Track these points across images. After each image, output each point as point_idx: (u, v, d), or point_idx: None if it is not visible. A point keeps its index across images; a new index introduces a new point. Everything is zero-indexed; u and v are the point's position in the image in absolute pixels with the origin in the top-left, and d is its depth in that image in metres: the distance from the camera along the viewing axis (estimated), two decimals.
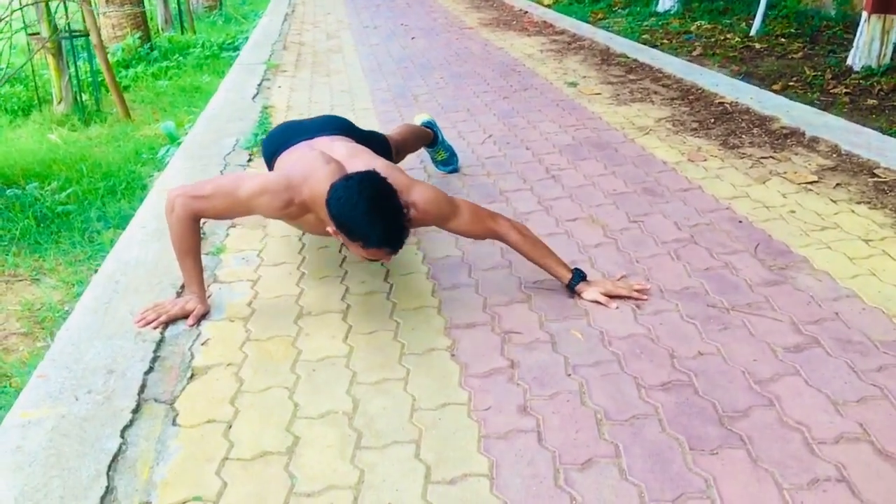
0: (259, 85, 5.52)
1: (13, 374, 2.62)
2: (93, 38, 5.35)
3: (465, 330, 2.24)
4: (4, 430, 1.80)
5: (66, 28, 5.58)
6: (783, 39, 7.50)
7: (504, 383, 1.98)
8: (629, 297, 2.34)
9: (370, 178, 2.07)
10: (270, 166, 2.63)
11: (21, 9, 4.55)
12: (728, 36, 7.84)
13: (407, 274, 2.59)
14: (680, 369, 2.01)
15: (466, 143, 4.05)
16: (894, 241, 2.71)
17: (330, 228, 2.10)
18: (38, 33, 5.57)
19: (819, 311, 2.28)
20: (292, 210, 2.22)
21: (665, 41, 7.81)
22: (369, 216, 1.99)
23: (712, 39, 7.75)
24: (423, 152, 3.61)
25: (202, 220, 2.34)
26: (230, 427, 1.82)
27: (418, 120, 3.49)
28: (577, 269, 2.41)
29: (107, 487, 1.61)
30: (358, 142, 2.61)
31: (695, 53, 7.16)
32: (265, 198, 2.19)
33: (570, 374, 2.01)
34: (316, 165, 2.24)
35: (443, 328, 2.25)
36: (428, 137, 3.43)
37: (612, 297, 2.34)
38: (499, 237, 2.39)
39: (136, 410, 1.87)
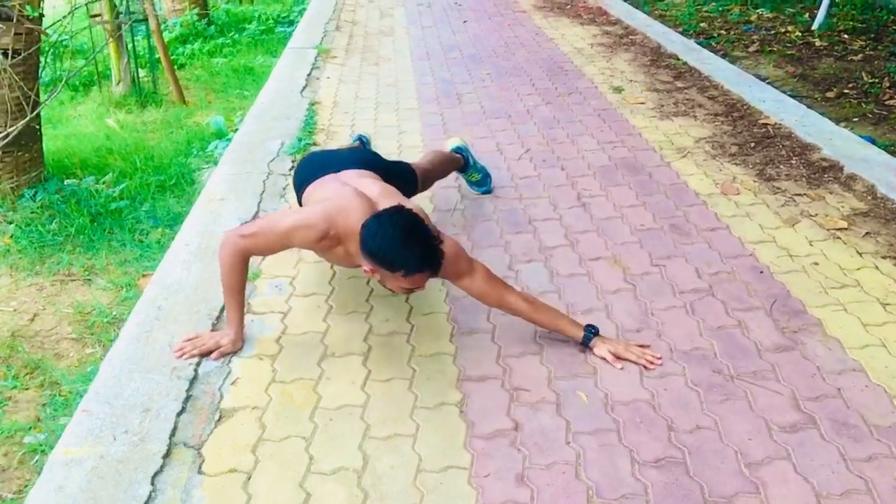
0: (308, 75, 5.63)
1: (62, 382, 2.84)
2: (151, 25, 5.52)
3: (477, 383, 2.36)
4: (50, 467, 2.00)
5: (127, 12, 5.76)
6: (846, 36, 7.30)
7: (506, 447, 2.11)
8: (636, 363, 2.43)
9: (398, 210, 2.24)
10: (299, 195, 2.77)
11: (87, 4, 4.73)
12: (789, 29, 7.65)
13: (429, 314, 2.72)
14: (676, 444, 2.11)
15: (503, 157, 4.12)
16: None
17: (366, 267, 2.25)
18: (98, 15, 5.76)
19: (822, 385, 2.34)
20: (325, 243, 2.38)
21: (723, 31, 7.67)
22: (405, 244, 2.15)
23: (772, 32, 7.58)
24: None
25: (251, 258, 2.49)
26: (249, 478, 1.99)
27: (449, 145, 3.57)
28: (588, 326, 2.50)
29: None
30: (384, 176, 2.74)
31: (751, 49, 7.03)
32: (302, 230, 2.36)
33: (569, 442, 2.12)
34: (349, 199, 2.40)
35: (455, 379, 2.38)
36: (458, 163, 3.52)
37: (619, 358, 2.44)
38: (508, 307, 2.49)
39: (166, 455, 2.05)
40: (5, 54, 3.64)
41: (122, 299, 3.36)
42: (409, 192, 3.03)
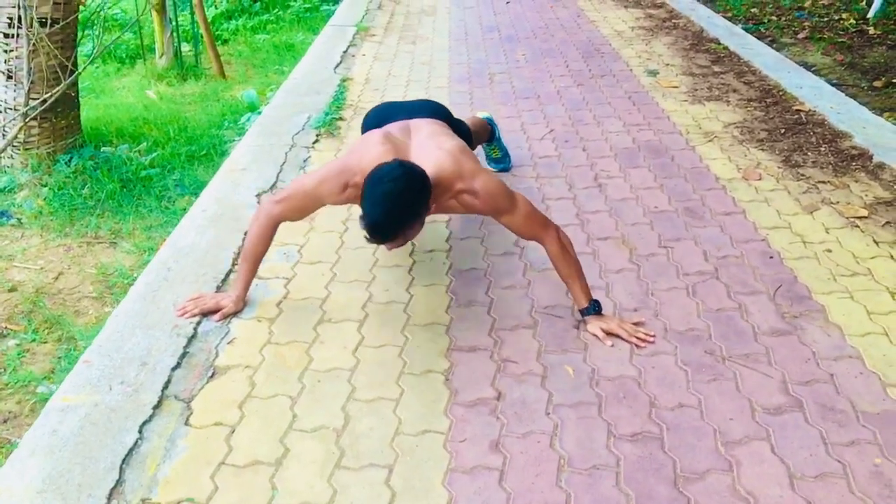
0: (344, 52, 5.69)
1: (78, 337, 2.96)
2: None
3: (466, 353, 2.39)
4: (47, 412, 2.10)
5: None
6: None
7: (486, 415, 2.14)
8: (627, 341, 2.42)
9: (408, 171, 2.18)
10: None
11: None
12: (843, 16, 7.42)
13: (429, 285, 2.76)
14: (655, 420, 2.11)
15: (526, 137, 4.12)
16: None
17: None
18: None
19: (815, 370, 2.31)
20: (350, 192, 2.37)
21: (773, 17, 7.48)
22: (372, 200, 2.14)
23: (825, 19, 7.37)
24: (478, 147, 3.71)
25: (280, 225, 2.53)
26: (233, 431, 2.07)
27: (479, 116, 3.60)
28: (595, 301, 2.50)
29: (117, 480, 1.88)
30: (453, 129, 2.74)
31: (800, 36, 6.84)
32: (326, 185, 2.38)
33: (548, 413, 2.14)
34: (370, 147, 2.38)
35: (446, 349, 2.41)
36: (487, 133, 3.54)
37: (610, 334, 2.44)
38: (542, 244, 2.48)
39: (157, 406, 2.14)
40: (42, 23, 3.77)
41: (144, 263, 3.47)
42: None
